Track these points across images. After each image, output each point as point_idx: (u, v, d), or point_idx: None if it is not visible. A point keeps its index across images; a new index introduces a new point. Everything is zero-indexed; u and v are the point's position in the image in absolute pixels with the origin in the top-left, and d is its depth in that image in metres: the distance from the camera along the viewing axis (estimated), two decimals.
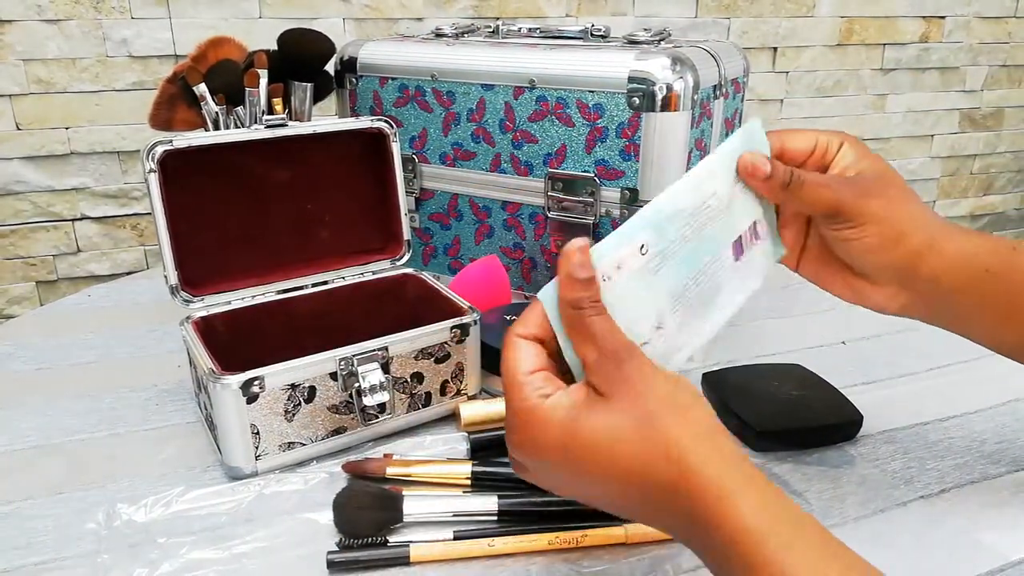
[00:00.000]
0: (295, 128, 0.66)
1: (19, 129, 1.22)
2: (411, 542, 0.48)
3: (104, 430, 0.62)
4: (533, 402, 0.36)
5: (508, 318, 0.69)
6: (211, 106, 0.68)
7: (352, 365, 0.57)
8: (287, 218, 0.70)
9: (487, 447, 0.57)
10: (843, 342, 0.77)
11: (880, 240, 0.45)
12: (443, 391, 0.63)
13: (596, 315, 0.36)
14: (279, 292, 0.67)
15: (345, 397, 0.58)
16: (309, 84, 0.69)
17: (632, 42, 0.75)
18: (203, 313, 0.63)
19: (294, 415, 0.56)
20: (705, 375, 0.67)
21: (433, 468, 0.54)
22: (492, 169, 0.78)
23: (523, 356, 0.38)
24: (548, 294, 0.38)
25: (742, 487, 0.34)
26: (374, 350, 0.58)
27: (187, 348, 0.60)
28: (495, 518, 0.50)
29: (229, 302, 0.65)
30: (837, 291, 0.50)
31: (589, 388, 0.36)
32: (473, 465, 0.54)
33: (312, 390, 0.56)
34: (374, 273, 0.72)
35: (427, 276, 0.71)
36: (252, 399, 0.53)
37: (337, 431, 0.58)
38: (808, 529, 0.34)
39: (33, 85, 1.20)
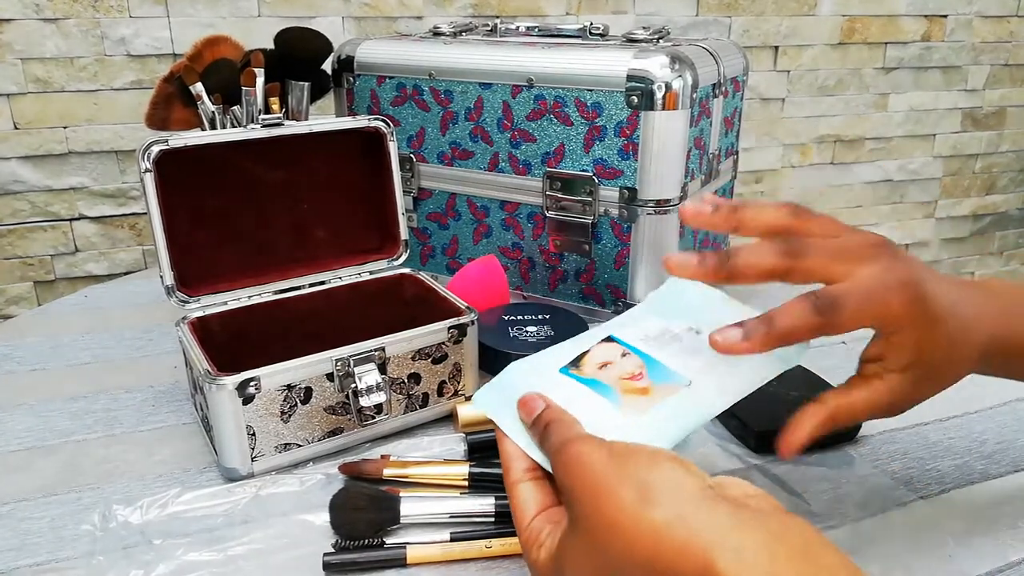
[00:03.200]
0: (292, 127, 0.66)
1: (17, 128, 1.21)
2: (408, 543, 0.48)
3: (100, 431, 0.62)
4: (535, 556, 0.36)
5: (506, 318, 0.69)
6: (207, 105, 0.67)
7: (349, 366, 0.56)
8: (284, 218, 0.70)
9: (484, 448, 0.57)
10: (843, 342, 0.77)
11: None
12: (440, 392, 0.62)
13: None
14: (276, 292, 0.67)
15: (342, 398, 0.57)
16: (306, 83, 0.69)
17: (631, 40, 0.75)
18: (199, 313, 0.63)
19: (290, 416, 0.55)
20: None
21: (430, 469, 0.54)
22: (490, 168, 0.78)
23: (521, 505, 0.38)
24: (485, 398, 0.43)
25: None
26: (371, 351, 0.57)
27: (183, 349, 0.60)
28: (492, 519, 0.50)
29: (225, 302, 0.65)
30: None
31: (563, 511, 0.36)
32: (470, 466, 0.53)
33: (308, 391, 0.56)
34: (371, 273, 0.71)
35: (425, 276, 0.70)
36: (248, 400, 0.53)
37: (334, 432, 0.58)
38: None
39: (31, 84, 1.20)
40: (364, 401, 0.56)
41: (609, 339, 0.46)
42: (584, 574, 0.34)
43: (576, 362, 0.45)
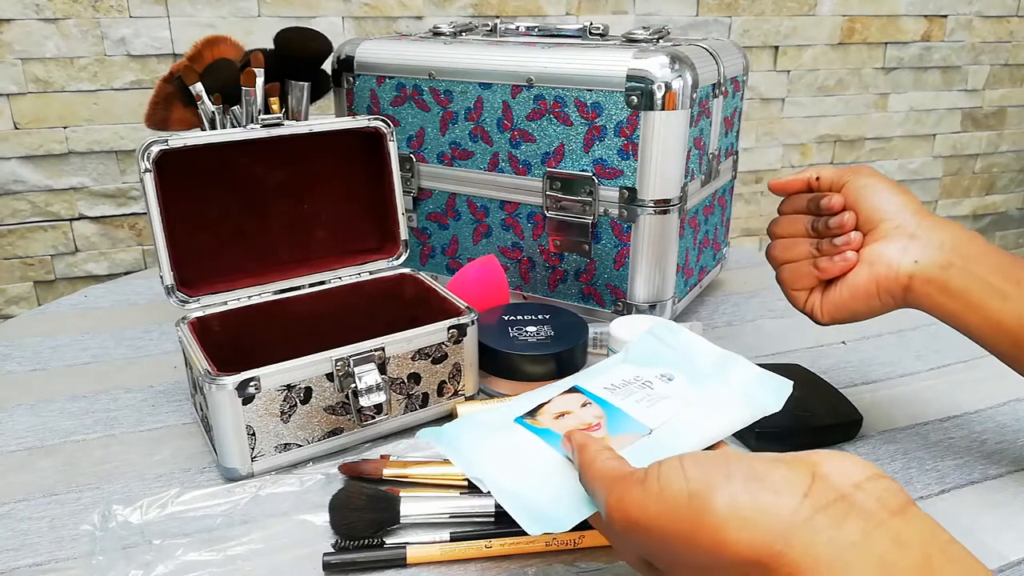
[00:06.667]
0: (292, 127, 0.66)
1: (17, 128, 1.21)
2: (408, 543, 0.48)
3: (100, 431, 0.62)
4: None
5: (506, 318, 0.69)
6: (207, 105, 0.67)
7: (348, 366, 0.56)
8: (284, 218, 0.70)
9: None
10: (843, 342, 0.77)
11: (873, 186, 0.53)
12: (440, 392, 0.62)
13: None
14: (275, 292, 0.67)
15: (341, 398, 0.57)
16: (306, 83, 0.69)
17: (630, 40, 0.75)
18: (199, 314, 0.63)
19: (290, 416, 0.55)
20: None
21: (430, 469, 0.54)
22: (490, 168, 0.78)
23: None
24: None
25: None
26: (371, 351, 0.57)
27: (183, 349, 0.60)
28: (492, 519, 0.50)
29: (225, 302, 0.65)
30: (859, 285, 0.53)
31: None
32: None
33: (308, 391, 0.56)
34: (371, 273, 0.71)
35: (424, 276, 0.70)
36: (248, 400, 0.53)
37: (333, 432, 0.58)
38: None
39: (31, 84, 1.20)
40: (364, 401, 0.56)
41: (573, 389, 0.45)
42: None
43: (533, 412, 0.44)
